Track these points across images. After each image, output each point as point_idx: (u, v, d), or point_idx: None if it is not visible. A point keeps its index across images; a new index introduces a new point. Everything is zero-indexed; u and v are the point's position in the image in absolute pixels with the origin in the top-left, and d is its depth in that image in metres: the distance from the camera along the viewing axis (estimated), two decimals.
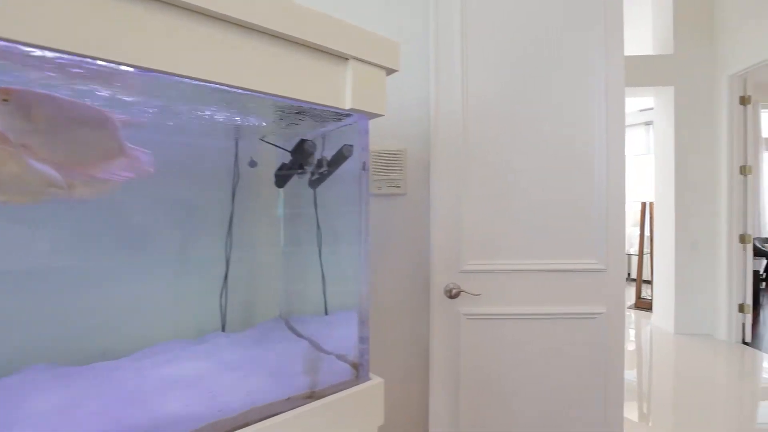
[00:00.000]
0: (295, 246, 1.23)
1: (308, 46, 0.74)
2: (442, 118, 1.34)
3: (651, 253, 4.03)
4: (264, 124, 1.00)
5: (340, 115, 0.88)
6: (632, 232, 5.20)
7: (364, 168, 0.85)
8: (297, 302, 1.24)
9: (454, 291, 1.31)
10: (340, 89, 0.78)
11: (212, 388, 0.72)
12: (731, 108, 3.14)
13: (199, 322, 1.12)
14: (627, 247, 5.96)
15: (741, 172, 3.12)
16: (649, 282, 4.00)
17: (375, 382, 0.84)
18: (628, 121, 7.70)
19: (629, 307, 4.22)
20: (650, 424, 2.15)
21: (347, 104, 0.78)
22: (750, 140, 3.14)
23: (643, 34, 3.88)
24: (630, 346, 3.27)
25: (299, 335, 1.08)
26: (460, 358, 1.33)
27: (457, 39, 1.33)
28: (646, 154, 5.28)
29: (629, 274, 5.88)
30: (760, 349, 2.99)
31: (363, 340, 0.85)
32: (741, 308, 3.12)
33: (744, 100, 3.12)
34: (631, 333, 3.57)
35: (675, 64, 3.36)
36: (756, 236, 6.87)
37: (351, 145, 0.91)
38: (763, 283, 4.82)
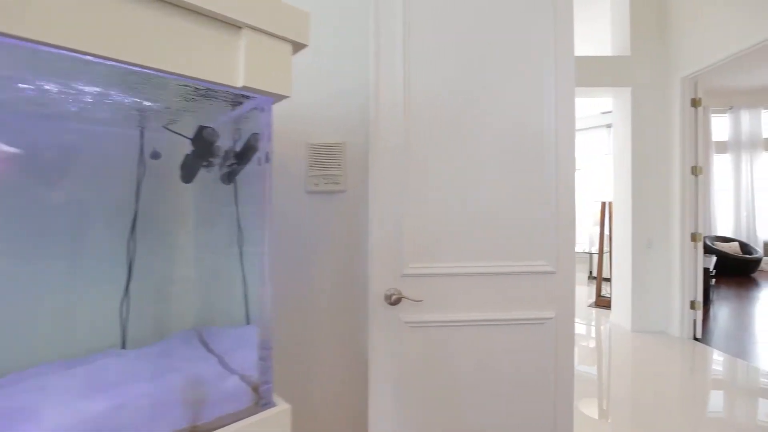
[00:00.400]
0: (210, 248, 1.09)
1: (190, 10, 0.61)
2: (383, 108, 1.23)
3: (610, 252, 4.10)
4: (162, 107, 0.86)
5: (244, 97, 0.75)
6: (595, 231, 5.31)
7: (266, 160, 0.73)
8: (215, 311, 1.10)
9: (394, 297, 1.21)
10: (232, 64, 0.66)
11: (56, 426, 0.58)
12: (683, 110, 3.21)
13: (94, 339, 0.96)
14: (588, 246, 6.09)
15: (692, 173, 3.20)
16: (610, 280, 4.08)
17: (279, 409, 0.71)
18: (591, 123, 7.91)
19: (589, 305, 4.29)
20: (609, 421, 2.15)
21: (239, 81, 0.66)
22: (701, 142, 3.22)
23: (603, 34, 3.93)
24: (590, 344, 3.29)
25: (209, 351, 0.94)
26: (402, 370, 1.23)
27: (399, 27, 1.23)
28: (607, 155, 5.40)
29: (591, 273, 6.01)
30: (709, 345, 3.07)
31: (264, 357, 0.73)
32: (692, 305, 3.20)
33: (695, 102, 3.20)
34: (592, 331, 3.61)
35: (631, 66, 3.42)
36: (707, 235, 7.22)
37: (258, 133, 0.79)
38: (713, 280, 5.02)
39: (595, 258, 4.72)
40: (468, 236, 1.25)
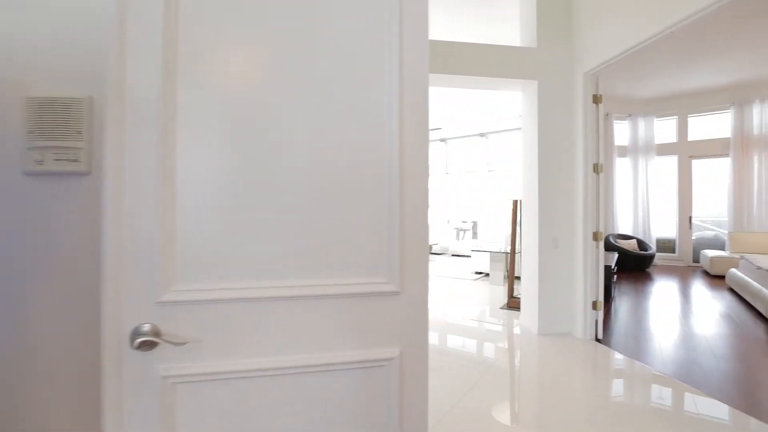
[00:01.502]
0: None
1: None
2: (132, 44, 0.77)
3: (520, 251, 4.01)
4: None
5: None
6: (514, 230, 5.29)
7: None
8: None
9: (145, 339, 0.75)
10: None
11: None
12: (585, 106, 3.14)
13: None
14: (505, 246, 6.08)
15: (594, 171, 3.14)
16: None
17: None
18: (513, 125, 8.05)
19: (502, 307, 4.17)
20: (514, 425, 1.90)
21: None
22: (602, 140, 3.18)
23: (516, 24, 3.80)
24: (491, 355, 3.10)
25: None
26: None
27: None
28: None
29: (506, 273, 5.97)
30: (609, 346, 3.03)
31: None
32: (594, 305, 3.15)
33: (596, 99, 3.15)
34: (498, 337, 3.43)
35: (538, 58, 3.29)
36: (610, 233, 7.72)
37: None
38: (615, 276, 5.23)
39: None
40: (271, 242, 0.82)
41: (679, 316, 3.96)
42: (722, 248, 7.35)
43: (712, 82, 6.65)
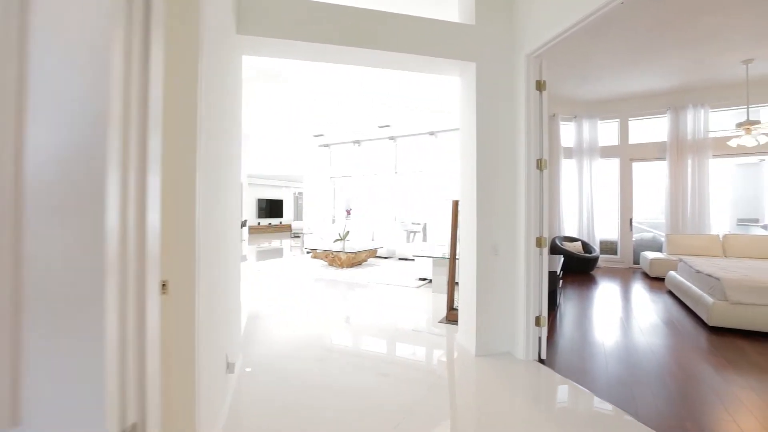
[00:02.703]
0: None
1: None
2: None
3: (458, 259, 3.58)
4: None
5: None
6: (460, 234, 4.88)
7: None
8: None
9: None
10: None
11: None
12: (528, 94, 2.75)
13: None
14: (443, 251, 5.68)
15: (538, 167, 2.76)
16: None
17: None
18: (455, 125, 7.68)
19: (441, 321, 3.72)
20: None
21: None
22: (546, 133, 2.81)
23: None
24: (430, 375, 2.60)
25: None
26: None
27: None
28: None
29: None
30: (553, 368, 2.64)
31: None
32: (537, 321, 2.76)
33: (539, 86, 2.77)
34: (432, 359, 2.95)
35: (476, 37, 2.86)
36: (556, 235, 7.64)
37: None
38: (560, 281, 4.98)
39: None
40: None
41: (625, 326, 3.72)
42: (659, 250, 7.49)
43: (650, 86, 6.71)
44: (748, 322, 3.44)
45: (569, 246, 6.96)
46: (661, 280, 6.06)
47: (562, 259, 5.24)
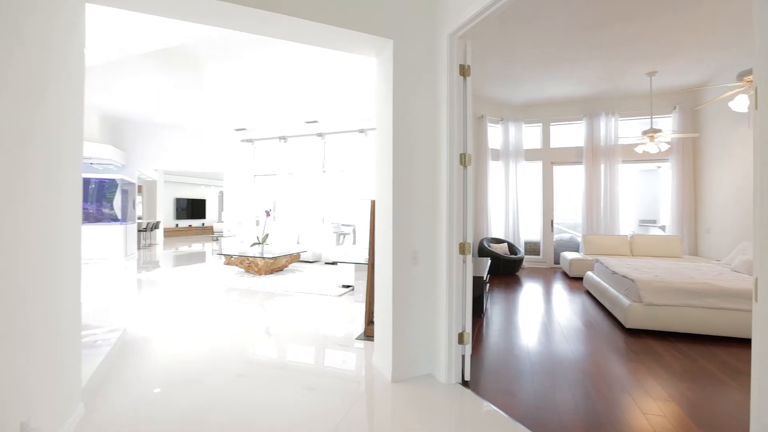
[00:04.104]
0: None
1: None
2: None
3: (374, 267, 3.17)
4: None
5: None
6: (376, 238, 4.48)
7: None
8: None
9: None
10: None
11: None
12: (451, 79, 2.41)
13: None
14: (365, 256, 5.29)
15: (461, 162, 2.43)
16: None
17: None
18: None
19: (358, 338, 3.28)
20: None
21: None
22: (471, 123, 2.49)
23: None
24: (337, 409, 2.12)
25: None
26: None
27: None
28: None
29: None
30: (477, 392, 2.32)
31: None
32: (461, 338, 2.43)
33: (463, 71, 2.45)
34: (343, 387, 2.48)
35: (394, 9, 2.47)
36: (484, 237, 7.65)
37: None
38: (487, 285, 4.82)
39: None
40: None
41: (549, 332, 3.59)
42: (577, 250, 7.85)
43: (569, 93, 6.96)
44: (660, 323, 3.48)
45: (496, 248, 6.96)
46: (580, 279, 6.26)
47: (489, 261, 5.12)
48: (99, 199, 9.03)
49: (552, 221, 7.75)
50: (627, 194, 7.73)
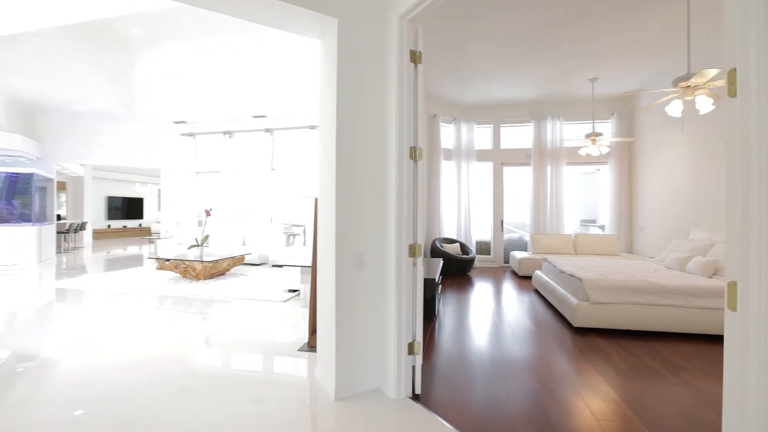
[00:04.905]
0: None
1: None
2: None
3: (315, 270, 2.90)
4: None
5: None
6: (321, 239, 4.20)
7: None
8: None
9: None
10: None
11: None
12: (401, 65, 2.22)
13: None
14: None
15: (411, 156, 2.24)
16: None
17: None
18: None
19: (300, 349, 2.99)
20: None
21: None
22: (423, 116, 2.31)
23: None
24: None
25: None
26: None
27: None
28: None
29: None
30: (429, 407, 2.13)
31: None
32: (411, 348, 2.24)
33: (415, 57, 2.26)
34: (280, 408, 2.19)
35: None
36: (437, 237, 7.61)
37: None
38: (440, 287, 4.72)
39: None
40: None
41: (500, 334, 3.53)
42: (525, 249, 8.05)
43: (518, 95, 7.09)
44: (606, 321, 3.53)
45: (449, 248, 6.93)
46: (529, 278, 6.38)
47: (442, 262, 5.02)
48: (8, 196, 7.88)
49: (502, 221, 7.88)
50: (570, 195, 8.04)
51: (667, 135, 6.03)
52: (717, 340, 3.33)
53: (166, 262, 5.82)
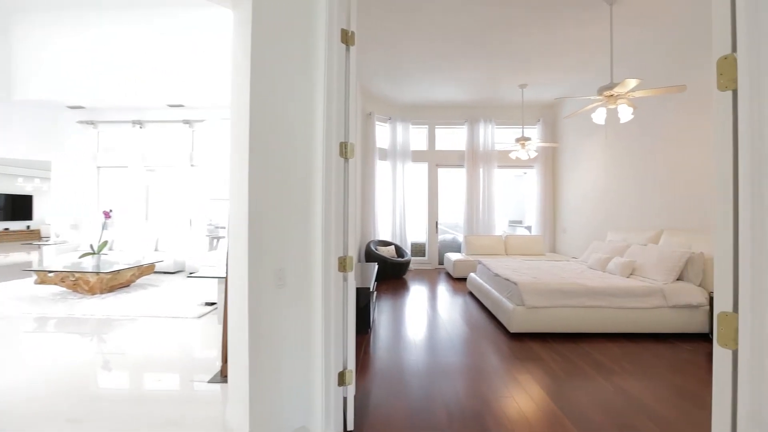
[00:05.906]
0: None
1: None
2: None
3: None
4: None
5: None
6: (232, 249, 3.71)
7: None
8: None
9: None
10: None
11: None
12: (330, 46, 1.89)
13: None
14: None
15: (341, 154, 1.92)
16: None
17: None
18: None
19: (211, 380, 2.51)
20: None
21: None
22: (358, 110, 2.01)
23: None
24: None
25: None
26: None
27: None
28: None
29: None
30: None
31: None
32: (342, 379, 1.92)
33: (346, 37, 1.94)
34: None
35: None
36: (371, 239, 7.37)
37: None
38: (374, 294, 4.46)
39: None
40: None
41: (438, 344, 3.36)
42: (459, 250, 8.14)
43: (453, 98, 7.11)
44: (540, 325, 3.53)
45: (383, 251, 6.72)
46: (464, 280, 6.40)
47: (377, 267, 4.77)
48: None
49: (437, 223, 7.88)
50: (501, 197, 8.31)
51: (586, 141, 6.42)
52: (635, 338, 3.49)
53: (49, 275, 4.83)
